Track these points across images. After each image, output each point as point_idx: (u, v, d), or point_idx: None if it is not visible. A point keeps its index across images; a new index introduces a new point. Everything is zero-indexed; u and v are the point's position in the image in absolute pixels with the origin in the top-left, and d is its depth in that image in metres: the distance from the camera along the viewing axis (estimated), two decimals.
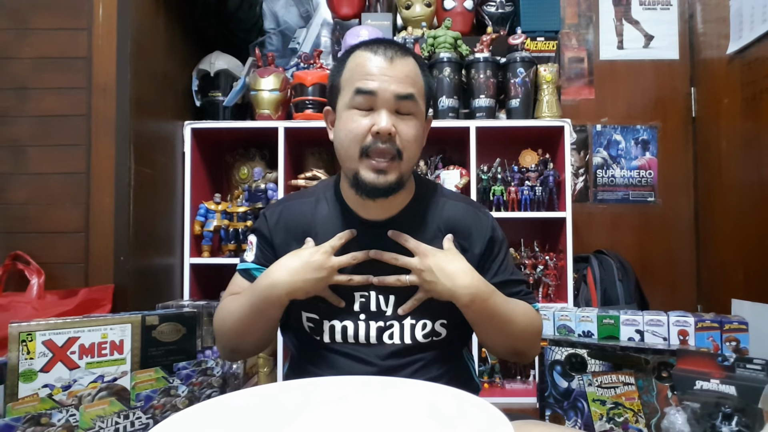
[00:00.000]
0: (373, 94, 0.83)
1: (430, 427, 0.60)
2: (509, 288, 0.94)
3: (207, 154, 1.99)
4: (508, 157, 1.95)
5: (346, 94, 0.86)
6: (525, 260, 1.89)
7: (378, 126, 0.82)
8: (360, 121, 0.84)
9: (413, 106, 0.86)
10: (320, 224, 0.94)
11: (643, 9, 2.32)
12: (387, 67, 0.84)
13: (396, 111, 0.85)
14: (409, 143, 0.85)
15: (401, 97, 0.84)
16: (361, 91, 0.84)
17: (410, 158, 0.87)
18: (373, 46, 0.88)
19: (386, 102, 0.84)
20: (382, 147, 0.83)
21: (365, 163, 0.84)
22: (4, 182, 1.51)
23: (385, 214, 0.92)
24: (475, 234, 0.94)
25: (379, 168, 0.83)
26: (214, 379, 1.01)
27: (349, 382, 0.71)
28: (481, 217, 0.96)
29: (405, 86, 0.84)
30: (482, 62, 1.89)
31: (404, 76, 0.85)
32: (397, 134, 0.84)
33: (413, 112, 0.86)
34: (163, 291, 1.76)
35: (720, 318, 1.30)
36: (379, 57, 0.85)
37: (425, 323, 0.91)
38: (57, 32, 1.53)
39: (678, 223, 2.23)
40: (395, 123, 0.84)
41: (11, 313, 1.31)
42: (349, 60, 0.89)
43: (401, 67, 0.85)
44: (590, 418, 1.15)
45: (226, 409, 0.62)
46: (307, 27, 2.12)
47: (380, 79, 0.84)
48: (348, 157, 0.86)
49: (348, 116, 0.85)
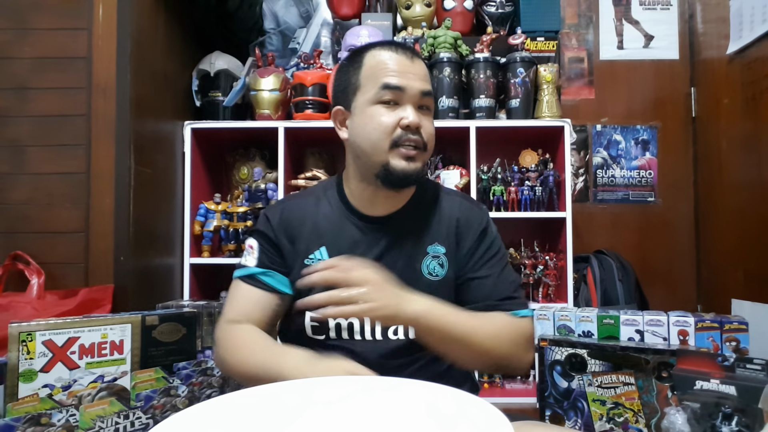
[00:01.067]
0: (400, 89, 0.88)
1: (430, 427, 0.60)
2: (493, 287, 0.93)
3: (207, 154, 1.99)
4: (508, 157, 1.95)
5: (369, 90, 0.89)
6: (525, 260, 1.89)
7: (408, 119, 0.87)
8: (388, 115, 0.88)
9: (431, 102, 0.93)
10: (322, 222, 0.96)
11: (643, 9, 2.32)
12: (410, 65, 0.90)
13: (418, 107, 0.90)
14: (431, 136, 0.92)
15: (425, 93, 0.90)
16: (389, 86, 0.88)
17: (430, 150, 0.93)
18: (391, 46, 0.92)
19: (412, 97, 0.89)
20: (414, 138, 0.88)
21: (396, 153, 0.88)
22: (4, 182, 1.51)
23: (389, 209, 0.95)
24: (469, 227, 0.96)
25: (410, 155, 0.88)
26: (214, 379, 1.00)
27: (349, 382, 0.71)
28: (476, 211, 0.99)
29: (426, 84, 0.91)
30: (482, 62, 1.89)
31: (424, 74, 0.91)
32: (422, 128, 0.89)
33: (431, 108, 0.93)
34: (163, 291, 1.76)
35: (720, 318, 1.29)
36: (401, 55, 0.90)
37: None
38: (57, 32, 1.53)
39: (678, 223, 2.23)
40: (420, 118, 0.89)
41: (11, 313, 1.31)
42: (367, 59, 0.92)
43: (421, 66, 0.92)
44: (590, 418, 1.15)
45: (226, 409, 0.62)
46: (307, 27, 2.12)
47: (406, 76, 0.88)
48: (377, 150, 0.89)
49: (375, 111, 0.89)
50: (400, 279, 0.90)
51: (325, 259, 0.92)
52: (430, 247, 0.94)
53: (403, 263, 0.92)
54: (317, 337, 0.93)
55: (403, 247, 0.93)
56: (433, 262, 0.93)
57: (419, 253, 0.93)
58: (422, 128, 0.89)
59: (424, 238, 0.94)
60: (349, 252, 0.93)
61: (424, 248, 0.94)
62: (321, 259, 0.93)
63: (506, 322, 0.91)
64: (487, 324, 0.88)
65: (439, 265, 0.93)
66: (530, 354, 0.92)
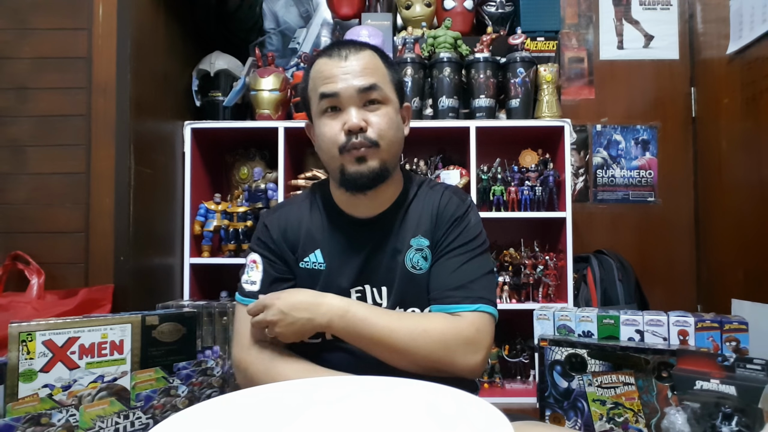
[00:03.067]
0: (336, 95, 0.86)
1: (430, 427, 0.60)
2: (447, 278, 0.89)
3: (207, 154, 1.98)
4: (508, 157, 1.95)
5: (315, 103, 0.90)
6: (525, 260, 1.89)
7: (348, 124, 0.85)
8: (332, 124, 0.87)
9: (378, 94, 0.88)
10: (315, 227, 0.97)
11: (643, 9, 2.32)
12: (343, 66, 0.87)
13: (363, 104, 0.87)
14: (383, 131, 0.87)
15: (363, 89, 0.86)
16: (324, 95, 0.87)
17: (389, 144, 0.88)
18: (328, 50, 0.91)
19: (350, 99, 0.86)
20: (356, 141, 0.86)
21: (346, 157, 0.87)
22: (4, 182, 1.51)
23: (374, 211, 0.94)
24: (447, 215, 0.93)
25: (359, 156, 0.86)
26: (214, 379, 1.00)
27: (349, 381, 0.71)
28: (455, 200, 0.95)
29: (365, 78, 0.87)
30: (482, 62, 1.89)
31: (362, 69, 0.87)
32: (369, 126, 0.86)
33: (380, 100, 0.88)
34: (163, 291, 1.76)
35: (720, 318, 1.29)
36: (334, 59, 0.88)
37: (414, 311, 0.92)
38: (57, 32, 1.53)
39: (678, 223, 2.23)
40: (365, 117, 0.87)
41: (11, 313, 1.31)
42: (311, 71, 0.92)
43: (357, 62, 0.88)
44: (590, 418, 1.15)
45: (226, 409, 0.62)
46: (307, 27, 2.12)
47: (339, 79, 0.86)
48: (331, 159, 0.89)
49: (321, 123, 0.89)
50: (385, 275, 0.92)
51: (319, 261, 0.95)
52: (413, 239, 0.93)
53: (388, 258, 0.92)
54: (314, 340, 0.93)
55: (389, 244, 0.93)
56: (416, 255, 0.92)
57: (403, 246, 0.93)
58: (370, 126, 0.86)
59: (408, 231, 0.93)
60: (341, 254, 0.94)
61: (407, 241, 0.93)
62: (316, 262, 0.95)
63: (438, 323, 0.85)
64: (412, 324, 0.84)
65: (422, 258, 0.92)
66: (474, 356, 0.84)
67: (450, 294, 0.88)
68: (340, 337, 0.87)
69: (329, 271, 0.93)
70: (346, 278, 0.93)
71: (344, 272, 0.93)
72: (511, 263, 1.90)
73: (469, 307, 0.86)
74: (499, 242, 1.94)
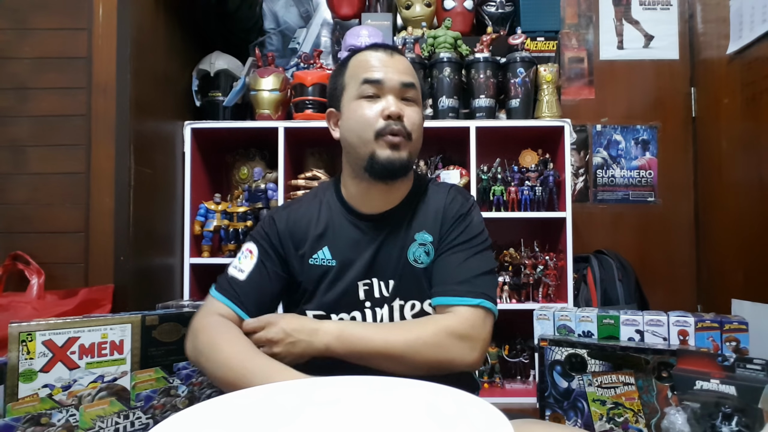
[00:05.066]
0: (379, 82, 0.91)
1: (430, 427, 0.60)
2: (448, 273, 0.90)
3: (207, 154, 1.99)
4: (508, 157, 1.95)
5: (353, 88, 0.94)
6: (525, 260, 1.89)
7: (389, 109, 0.89)
8: (371, 107, 0.91)
9: (415, 94, 0.94)
10: (324, 224, 0.98)
11: (643, 9, 2.32)
12: (389, 59, 0.94)
13: (401, 98, 0.92)
14: (415, 126, 0.93)
15: (405, 84, 0.92)
16: (368, 80, 0.91)
17: (417, 140, 0.94)
18: (372, 46, 0.97)
19: (392, 89, 0.91)
20: (395, 127, 0.90)
21: (381, 142, 0.90)
22: (4, 182, 1.51)
23: (385, 206, 0.97)
24: (451, 213, 0.96)
25: (394, 143, 0.90)
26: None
27: (349, 382, 0.71)
28: (459, 199, 0.98)
29: (407, 76, 0.93)
30: (482, 62, 1.89)
31: (405, 68, 0.94)
32: (405, 117, 0.91)
33: (415, 100, 0.95)
34: (163, 291, 1.76)
35: (720, 318, 1.29)
36: (380, 53, 0.94)
37: (414, 303, 0.95)
38: (57, 32, 1.53)
39: (678, 223, 2.23)
40: (402, 108, 0.91)
41: (11, 313, 1.31)
42: (351, 61, 0.97)
43: (401, 60, 0.95)
44: (590, 418, 1.15)
45: (226, 409, 0.62)
46: (307, 27, 2.12)
47: (384, 70, 0.92)
48: (362, 142, 0.91)
49: (357, 105, 0.92)
50: (393, 269, 0.94)
51: (327, 258, 0.96)
52: (417, 234, 0.95)
53: (396, 254, 0.95)
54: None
55: (395, 239, 0.95)
56: (419, 249, 0.95)
57: (408, 241, 0.95)
58: (405, 117, 0.91)
59: (413, 227, 0.96)
60: (351, 249, 0.95)
61: (412, 236, 0.95)
62: (324, 258, 0.96)
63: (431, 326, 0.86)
64: (406, 333, 0.85)
65: (425, 253, 0.95)
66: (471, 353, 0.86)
67: (453, 288, 0.89)
68: (341, 358, 0.86)
69: (339, 267, 0.95)
70: (355, 272, 0.95)
71: (354, 266, 0.95)
72: (511, 263, 1.90)
73: (470, 301, 0.87)
74: (499, 242, 1.94)
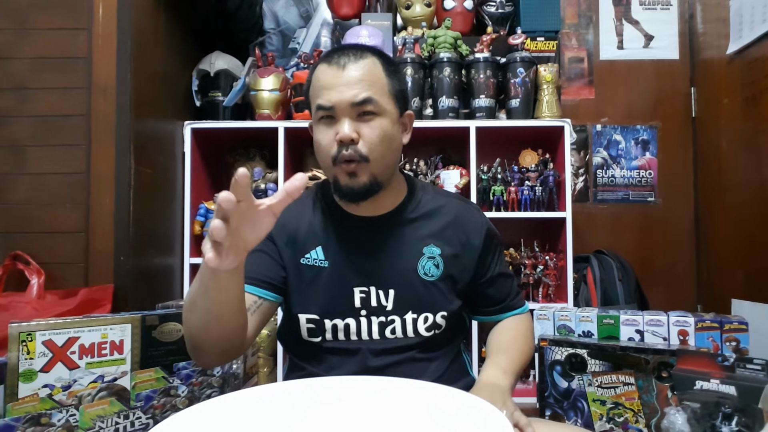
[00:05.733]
0: (330, 108, 0.86)
1: (431, 427, 0.60)
2: (503, 282, 1.01)
3: (207, 154, 1.98)
4: (508, 157, 1.95)
5: (313, 109, 0.91)
6: (525, 260, 1.89)
7: (339, 135, 0.85)
8: (326, 132, 0.88)
9: (374, 107, 0.87)
10: (319, 223, 0.96)
11: (643, 9, 2.32)
12: (340, 76, 0.86)
13: (358, 115, 0.87)
14: (374, 145, 0.87)
15: (356, 103, 0.86)
16: (320, 107, 0.88)
17: (380, 157, 0.88)
18: (330, 56, 0.90)
19: (344, 110, 0.86)
20: (346, 154, 0.86)
21: (338, 169, 0.87)
22: (4, 182, 1.51)
23: (380, 211, 0.95)
24: (472, 227, 0.98)
25: (349, 171, 0.87)
26: (214, 379, 1.00)
27: (350, 382, 0.71)
28: (474, 211, 1.01)
29: (359, 91, 0.86)
30: (482, 62, 1.89)
31: (357, 81, 0.86)
32: (361, 138, 0.86)
33: (376, 112, 0.87)
34: (163, 291, 1.76)
35: (720, 318, 1.29)
36: (332, 68, 0.88)
37: (426, 316, 0.93)
38: (57, 32, 1.53)
39: (678, 223, 2.23)
40: (358, 128, 0.86)
41: (11, 313, 1.31)
42: (313, 76, 0.92)
43: (353, 73, 0.87)
44: (590, 418, 1.15)
45: (226, 409, 0.62)
46: (307, 27, 2.12)
47: (335, 91, 0.86)
48: (326, 168, 0.90)
49: (317, 130, 0.90)
50: (399, 279, 0.92)
51: (320, 258, 0.93)
52: (426, 248, 0.94)
53: (400, 265, 0.93)
54: (313, 339, 0.93)
55: (400, 249, 0.94)
56: (429, 263, 0.94)
57: (415, 254, 0.94)
58: (362, 138, 0.86)
59: (420, 239, 0.94)
60: (346, 252, 0.93)
61: (420, 249, 0.94)
62: (317, 259, 0.94)
63: (522, 325, 1.03)
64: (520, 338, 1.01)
65: (434, 266, 0.94)
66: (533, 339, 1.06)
67: (514, 303, 1.04)
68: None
69: (333, 269, 0.93)
70: (350, 276, 0.92)
71: (349, 271, 0.93)
72: (511, 263, 1.90)
73: (526, 307, 1.07)
74: None
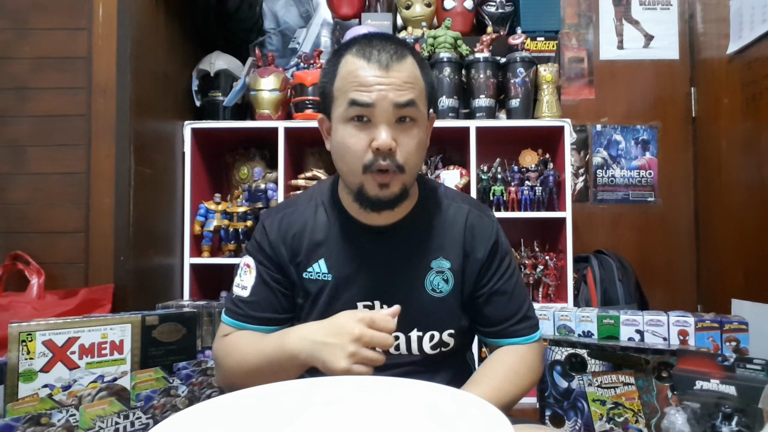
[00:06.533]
0: (370, 106, 0.78)
1: (430, 427, 0.60)
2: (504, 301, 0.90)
3: (207, 154, 1.99)
4: (508, 157, 1.95)
5: (341, 105, 0.81)
6: (525, 260, 1.89)
7: (377, 142, 0.78)
8: (358, 136, 0.79)
9: (414, 111, 0.80)
10: (320, 233, 0.90)
11: (643, 9, 2.32)
12: (383, 76, 0.78)
13: (396, 120, 0.80)
14: (411, 155, 0.81)
15: (401, 105, 0.78)
16: (356, 103, 0.78)
17: (413, 168, 0.83)
18: (365, 50, 0.81)
19: (384, 113, 0.78)
20: (384, 164, 0.79)
21: (369, 178, 0.80)
22: (4, 182, 1.51)
23: (388, 220, 0.88)
24: (480, 237, 0.90)
25: (383, 182, 0.80)
26: (214, 379, 1.00)
27: (349, 382, 0.71)
28: (485, 220, 0.92)
29: (404, 93, 0.79)
30: (482, 62, 1.89)
31: (402, 83, 0.79)
32: (398, 147, 0.79)
33: (415, 118, 0.81)
34: (163, 291, 1.76)
35: (720, 318, 1.29)
36: (373, 65, 0.79)
37: (432, 334, 0.89)
38: (57, 32, 1.53)
39: (678, 223, 2.23)
40: (396, 136, 0.79)
41: (11, 313, 1.31)
42: (341, 66, 0.82)
43: (398, 73, 0.79)
44: (590, 418, 1.15)
45: (226, 409, 0.62)
46: (307, 27, 2.12)
47: (376, 90, 0.78)
48: (351, 173, 0.82)
49: (345, 131, 0.81)
50: (404, 295, 0.86)
51: (323, 272, 0.88)
52: (434, 261, 0.88)
53: (406, 279, 0.88)
54: None
55: (407, 262, 0.88)
56: (437, 277, 0.88)
57: (423, 268, 0.88)
58: (399, 147, 0.79)
59: (428, 252, 0.88)
60: (350, 264, 0.88)
61: (428, 263, 0.88)
62: (320, 273, 0.88)
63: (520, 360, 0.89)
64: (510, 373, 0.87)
65: (443, 281, 0.89)
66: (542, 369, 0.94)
67: (516, 329, 0.90)
68: None
69: (337, 282, 0.88)
70: (355, 291, 0.88)
71: (354, 284, 0.88)
72: None
73: (534, 336, 0.91)
74: None
